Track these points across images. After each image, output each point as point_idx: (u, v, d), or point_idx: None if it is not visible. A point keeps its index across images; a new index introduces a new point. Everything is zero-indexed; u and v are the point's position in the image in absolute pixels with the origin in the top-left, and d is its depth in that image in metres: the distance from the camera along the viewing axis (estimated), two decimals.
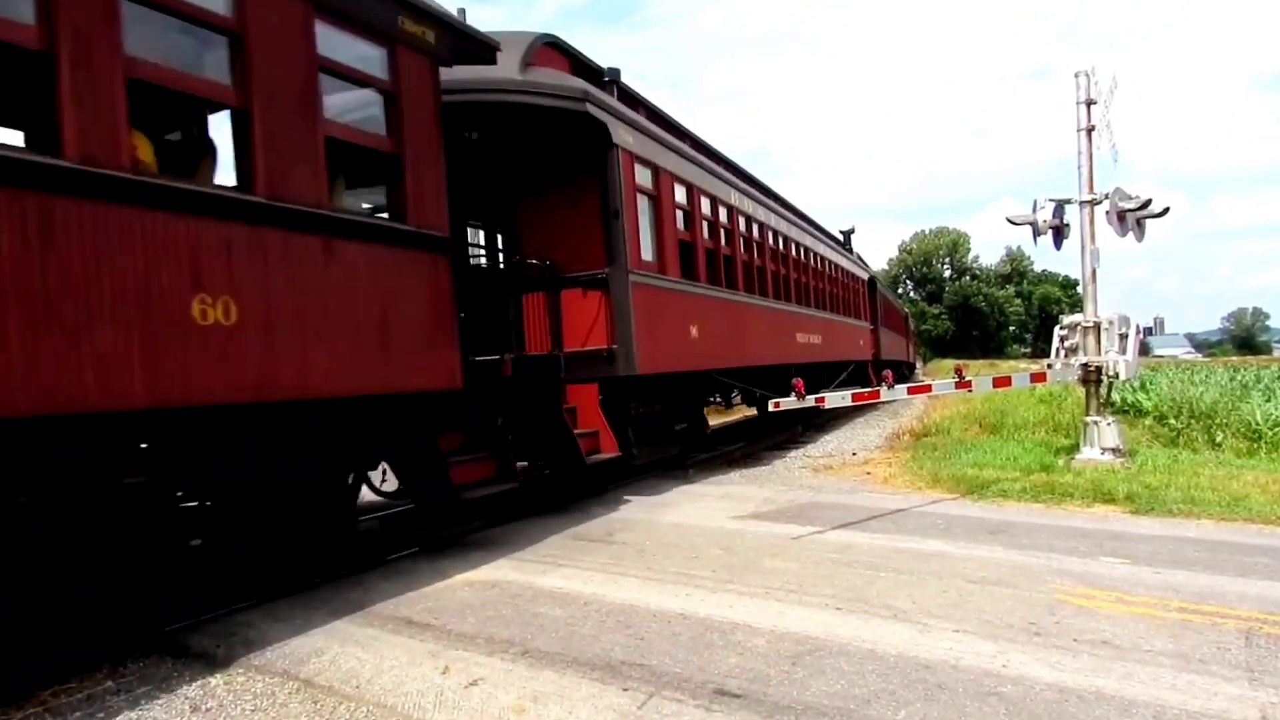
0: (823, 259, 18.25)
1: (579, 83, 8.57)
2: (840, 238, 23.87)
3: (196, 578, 5.18)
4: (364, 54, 5.64)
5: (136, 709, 3.75)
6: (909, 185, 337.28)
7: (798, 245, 15.99)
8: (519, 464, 7.48)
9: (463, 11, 6.80)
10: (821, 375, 16.63)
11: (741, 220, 12.59)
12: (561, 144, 9.08)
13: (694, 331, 10.23)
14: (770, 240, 14.02)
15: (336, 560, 5.95)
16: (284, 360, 4.74)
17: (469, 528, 7.39)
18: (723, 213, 11.86)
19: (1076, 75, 9.88)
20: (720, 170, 12.31)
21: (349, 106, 5.77)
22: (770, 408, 8.68)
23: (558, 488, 8.64)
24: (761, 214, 13.64)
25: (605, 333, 8.65)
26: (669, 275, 9.76)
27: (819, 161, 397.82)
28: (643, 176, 9.31)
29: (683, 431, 11.41)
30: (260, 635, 4.68)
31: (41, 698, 3.88)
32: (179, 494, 5.10)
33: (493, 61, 6.90)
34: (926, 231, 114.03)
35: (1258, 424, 11.60)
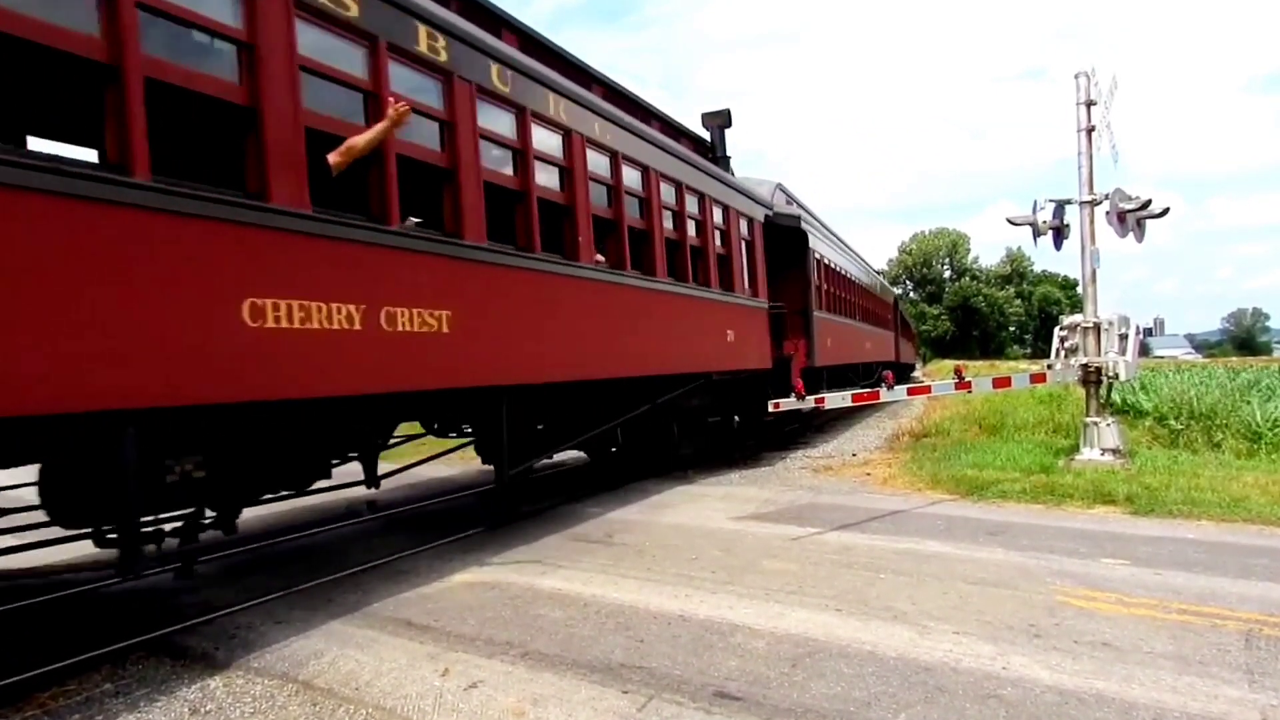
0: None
1: None
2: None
3: None
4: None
5: (135, 711, 3.74)
6: (907, 186, 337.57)
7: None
8: None
9: None
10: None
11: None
12: None
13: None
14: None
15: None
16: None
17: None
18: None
19: (1076, 76, 9.88)
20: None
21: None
22: (770, 408, 8.69)
23: None
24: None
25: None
26: None
27: (816, 162, 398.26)
28: None
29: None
30: (259, 637, 4.68)
31: (40, 699, 3.87)
32: None
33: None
34: (926, 232, 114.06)
35: (1258, 425, 11.59)
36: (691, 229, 10.14)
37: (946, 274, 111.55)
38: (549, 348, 6.98)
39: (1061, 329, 10.20)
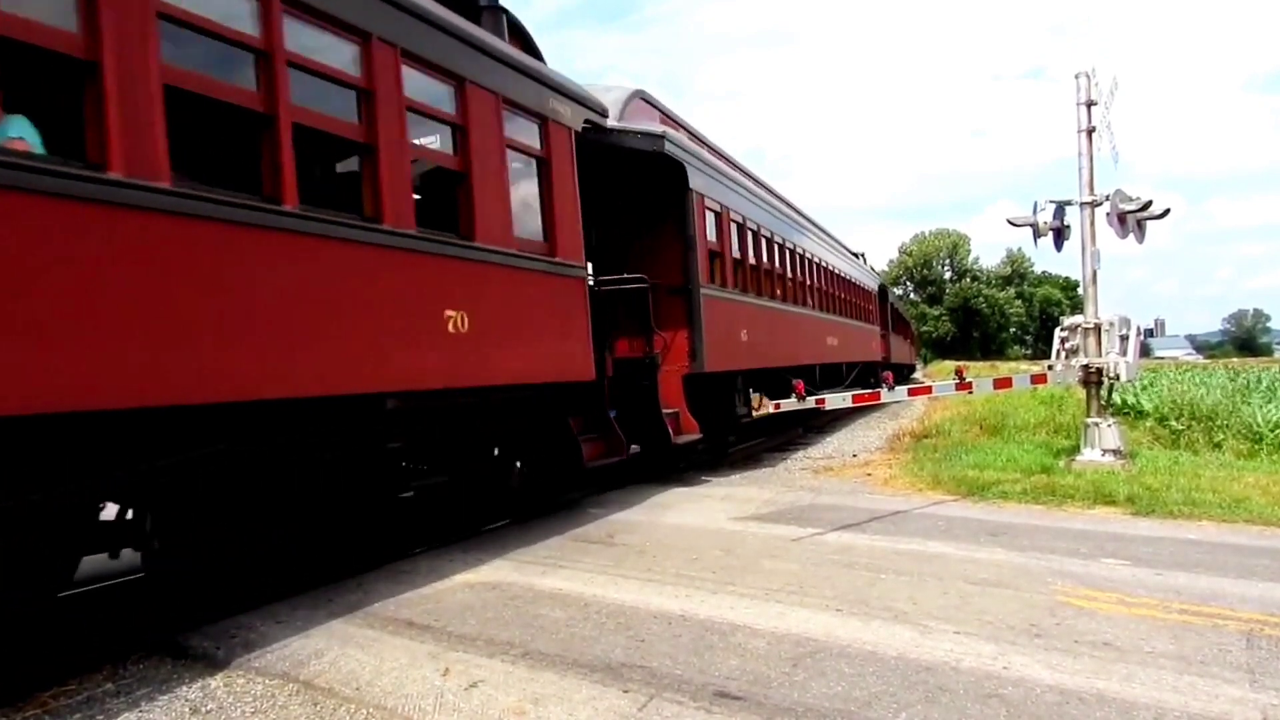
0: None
1: None
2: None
3: None
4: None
5: (136, 710, 3.74)
6: (907, 186, 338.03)
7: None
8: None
9: None
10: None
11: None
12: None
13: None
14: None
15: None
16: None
17: None
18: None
19: (1077, 77, 9.87)
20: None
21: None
22: (771, 409, 8.71)
23: None
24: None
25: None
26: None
27: (815, 162, 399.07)
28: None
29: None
30: (260, 637, 4.68)
31: (41, 699, 3.88)
32: None
33: None
34: (926, 233, 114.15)
35: (1258, 426, 11.59)
36: (320, 101, 5.27)
37: (947, 275, 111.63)
38: None
39: (1062, 330, 10.18)
